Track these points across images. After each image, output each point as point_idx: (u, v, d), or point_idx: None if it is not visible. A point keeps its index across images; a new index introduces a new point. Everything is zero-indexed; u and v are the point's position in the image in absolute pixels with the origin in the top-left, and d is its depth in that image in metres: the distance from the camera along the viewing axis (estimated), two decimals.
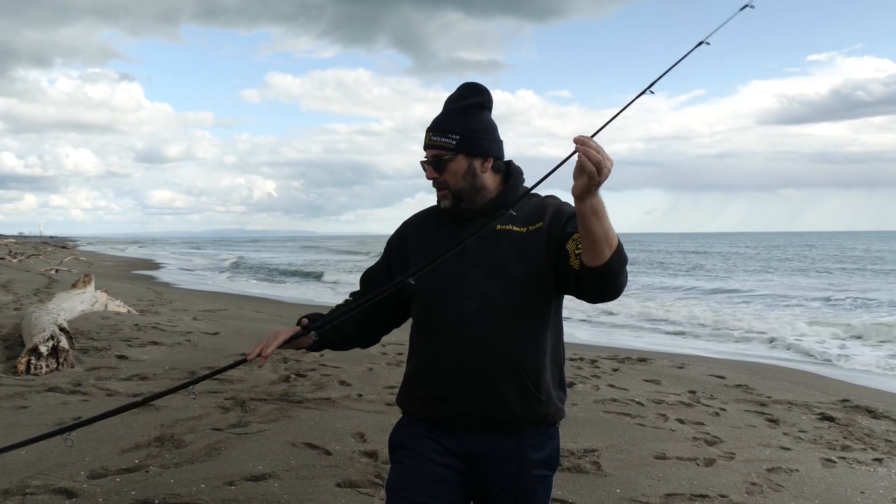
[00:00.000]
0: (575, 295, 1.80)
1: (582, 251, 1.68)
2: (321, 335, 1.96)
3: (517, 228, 1.85)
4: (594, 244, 1.62)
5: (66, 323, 7.33)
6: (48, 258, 34.11)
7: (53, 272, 23.09)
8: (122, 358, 6.96)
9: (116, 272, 27.89)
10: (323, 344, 1.99)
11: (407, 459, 1.90)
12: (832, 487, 4.11)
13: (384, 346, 8.44)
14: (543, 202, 1.91)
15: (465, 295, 1.83)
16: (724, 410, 5.88)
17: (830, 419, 5.70)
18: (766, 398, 6.47)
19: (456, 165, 1.86)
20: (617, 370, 7.60)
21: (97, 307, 10.46)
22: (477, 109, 1.90)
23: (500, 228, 1.84)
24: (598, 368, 7.63)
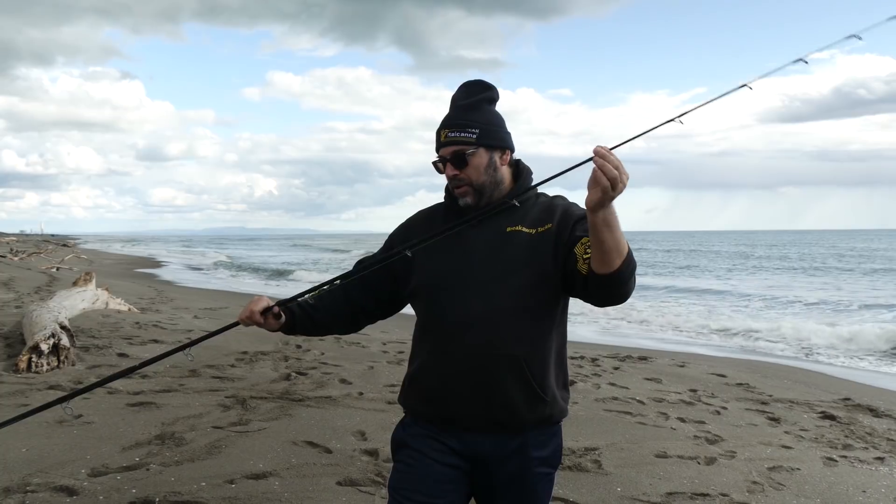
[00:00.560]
0: (582, 298, 1.79)
1: (591, 258, 1.66)
2: (293, 314, 1.96)
3: (526, 230, 1.84)
4: (604, 254, 1.61)
5: (66, 321, 7.33)
6: (49, 256, 34.13)
7: (54, 270, 23.13)
8: (122, 356, 6.96)
9: (117, 270, 27.90)
10: (294, 325, 1.98)
11: (410, 459, 1.90)
12: (833, 486, 4.10)
13: (385, 344, 8.44)
14: (552, 203, 1.90)
15: (471, 295, 1.82)
16: (725, 409, 5.87)
17: (832, 418, 5.69)
18: (767, 397, 6.46)
19: (478, 159, 1.85)
20: (618, 368, 7.60)
21: (98, 305, 10.47)
22: (488, 104, 1.90)
23: (509, 230, 1.84)
24: (598, 367, 7.63)
